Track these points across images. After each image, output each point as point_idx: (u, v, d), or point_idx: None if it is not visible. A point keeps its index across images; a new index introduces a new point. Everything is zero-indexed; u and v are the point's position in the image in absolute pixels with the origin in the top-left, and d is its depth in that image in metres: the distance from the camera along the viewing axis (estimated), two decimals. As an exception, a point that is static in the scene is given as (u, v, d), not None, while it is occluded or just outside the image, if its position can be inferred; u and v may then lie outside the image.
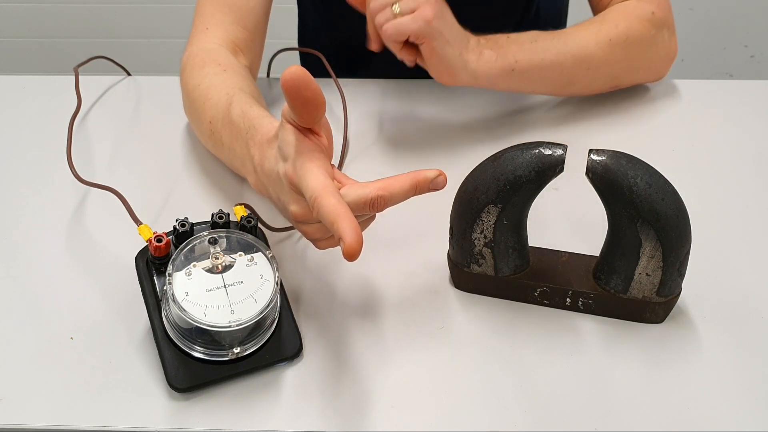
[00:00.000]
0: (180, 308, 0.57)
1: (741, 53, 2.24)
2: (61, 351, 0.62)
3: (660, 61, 0.93)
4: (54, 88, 0.96)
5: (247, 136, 0.67)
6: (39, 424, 0.57)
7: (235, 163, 0.72)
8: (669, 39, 0.91)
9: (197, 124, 0.81)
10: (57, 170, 0.81)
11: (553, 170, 0.61)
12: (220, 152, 0.76)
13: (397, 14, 0.76)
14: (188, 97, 0.81)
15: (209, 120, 0.76)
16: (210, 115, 0.76)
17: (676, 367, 0.62)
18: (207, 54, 0.83)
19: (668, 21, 0.91)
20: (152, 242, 0.60)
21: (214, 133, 0.75)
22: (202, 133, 0.80)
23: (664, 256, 0.61)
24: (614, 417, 0.58)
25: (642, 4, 0.90)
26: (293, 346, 0.61)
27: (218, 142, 0.75)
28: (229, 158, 0.74)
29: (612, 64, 0.89)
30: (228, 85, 0.77)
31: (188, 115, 0.84)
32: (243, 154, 0.68)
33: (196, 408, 0.58)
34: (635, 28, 0.88)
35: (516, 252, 0.66)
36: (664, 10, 0.91)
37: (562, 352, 0.63)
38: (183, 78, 0.84)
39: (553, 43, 0.85)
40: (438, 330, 0.65)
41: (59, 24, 2.28)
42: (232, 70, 0.80)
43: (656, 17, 0.89)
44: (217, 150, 0.77)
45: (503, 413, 0.58)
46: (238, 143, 0.70)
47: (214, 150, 0.79)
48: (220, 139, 0.74)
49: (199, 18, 0.87)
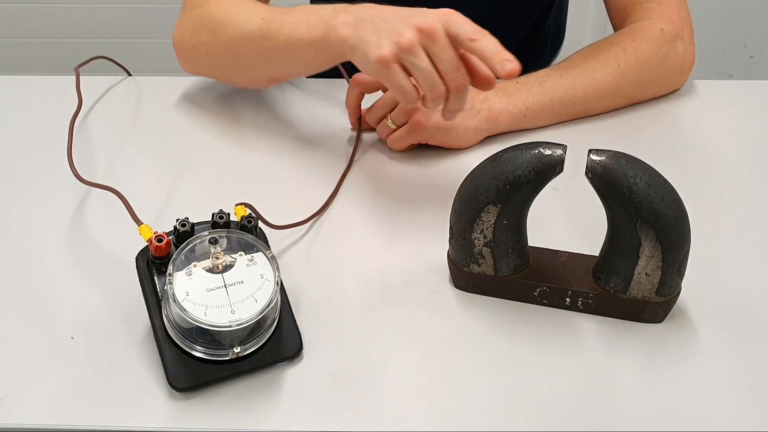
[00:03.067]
0: (180, 308, 0.57)
1: (741, 53, 2.24)
2: (61, 351, 0.62)
3: (674, 75, 0.92)
4: (55, 88, 0.96)
5: (318, 5, 0.75)
6: (39, 424, 0.58)
7: (305, 28, 0.76)
8: (685, 50, 0.90)
9: (236, 29, 0.82)
10: (57, 170, 0.81)
11: (553, 170, 0.61)
12: (275, 36, 0.78)
13: (393, 128, 0.82)
14: (222, 12, 0.83)
15: (261, 17, 0.80)
16: (263, 13, 0.80)
17: (676, 366, 0.62)
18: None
19: (681, 32, 0.90)
20: (153, 242, 0.60)
21: (267, 23, 0.79)
22: (243, 35, 0.81)
23: (664, 255, 0.61)
24: (614, 417, 0.58)
25: (650, 23, 0.89)
26: (293, 346, 0.61)
27: (273, 27, 0.78)
28: (289, 36, 0.77)
29: (624, 88, 0.89)
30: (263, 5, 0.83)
31: (212, 33, 0.85)
32: (322, 11, 0.74)
33: (197, 408, 0.58)
34: (644, 48, 0.88)
35: (516, 252, 0.66)
36: (675, 23, 0.90)
37: (561, 351, 0.63)
38: (208, 6, 0.85)
39: (561, 81, 0.86)
40: (438, 330, 0.65)
41: (60, 24, 2.28)
42: None
43: (666, 33, 0.89)
44: (269, 39, 0.79)
45: (503, 413, 0.58)
46: (310, 11, 0.76)
47: (260, 43, 0.80)
48: (280, 21, 0.78)
49: None
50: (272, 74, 0.85)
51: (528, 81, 0.86)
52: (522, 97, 0.85)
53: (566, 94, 0.86)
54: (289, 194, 0.79)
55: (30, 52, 2.33)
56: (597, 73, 0.87)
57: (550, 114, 0.87)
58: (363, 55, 0.69)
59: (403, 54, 0.67)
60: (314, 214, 0.75)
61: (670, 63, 0.90)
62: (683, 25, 0.91)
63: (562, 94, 0.86)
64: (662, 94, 0.93)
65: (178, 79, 0.92)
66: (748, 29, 2.20)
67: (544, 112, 0.86)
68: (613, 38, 0.90)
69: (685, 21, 0.91)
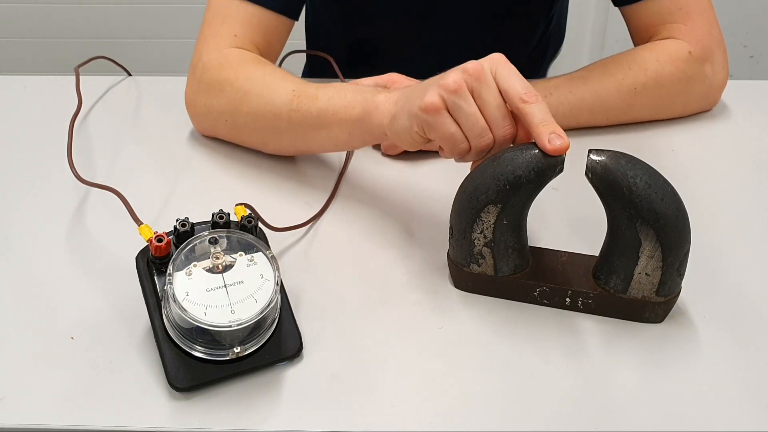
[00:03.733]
0: (180, 308, 0.57)
1: (741, 53, 2.24)
2: (61, 351, 0.62)
3: (698, 100, 0.88)
4: (54, 88, 0.96)
5: (366, 88, 0.72)
6: (39, 424, 0.57)
7: (341, 103, 0.73)
8: (714, 74, 0.86)
9: (262, 100, 0.79)
10: (57, 170, 0.81)
11: (553, 170, 0.61)
12: (307, 110, 0.76)
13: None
14: (246, 81, 0.80)
15: (293, 89, 0.77)
16: (294, 85, 0.77)
17: (676, 366, 0.62)
18: (250, 55, 0.84)
19: (711, 55, 0.85)
20: (153, 242, 0.60)
21: (299, 96, 0.76)
22: (270, 105, 0.78)
23: (664, 255, 0.61)
24: (614, 417, 0.58)
25: (677, 43, 0.85)
26: (293, 346, 0.61)
27: (305, 101, 0.76)
28: (323, 109, 0.74)
29: (636, 110, 0.86)
30: (293, 77, 0.80)
31: (233, 103, 0.81)
32: (360, 90, 0.72)
33: (197, 408, 0.58)
34: (667, 71, 0.84)
35: (516, 252, 0.66)
36: (705, 45, 0.85)
37: (561, 351, 0.63)
38: (224, 73, 0.82)
39: (569, 97, 0.83)
40: (438, 330, 0.65)
41: (60, 24, 2.28)
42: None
43: (693, 57, 0.84)
44: (300, 111, 0.76)
45: (503, 413, 0.58)
46: (347, 89, 0.73)
47: (289, 116, 0.77)
48: (313, 95, 0.75)
49: (222, 22, 0.86)
50: (300, 147, 0.82)
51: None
52: None
53: (571, 112, 0.84)
54: (289, 194, 0.79)
55: (30, 52, 2.33)
56: (610, 94, 0.84)
57: None
58: (406, 115, 0.66)
59: (449, 96, 0.62)
60: (314, 216, 0.76)
61: (695, 89, 0.86)
62: (714, 47, 0.86)
63: (566, 110, 0.83)
64: (686, 114, 0.89)
65: (178, 79, 0.92)
66: (748, 29, 2.20)
67: None
68: (635, 54, 0.86)
69: (716, 42, 0.86)
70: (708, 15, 0.87)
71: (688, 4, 0.86)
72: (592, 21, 2.19)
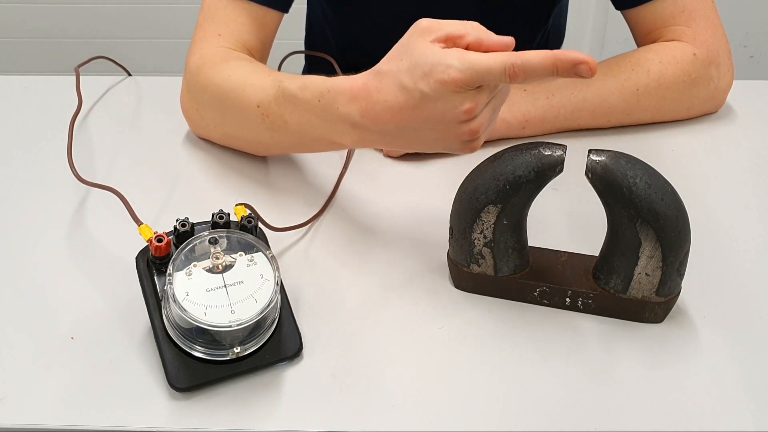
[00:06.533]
0: (180, 308, 0.57)
1: (741, 53, 2.24)
2: (61, 351, 0.63)
3: (703, 103, 0.88)
4: (54, 88, 0.96)
5: (324, 102, 0.65)
6: (39, 424, 0.58)
7: (313, 134, 0.69)
8: (719, 77, 0.86)
9: (237, 115, 0.77)
10: (57, 170, 0.81)
11: (553, 170, 0.61)
12: (281, 133, 0.73)
13: None
14: (218, 90, 0.78)
15: (257, 104, 0.73)
16: (257, 99, 0.73)
17: (676, 366, 0.62)
18: (226, 53, 0.82)
19: (715, 58, 0.85)
20: (153, 242, 0.60)
21: (268, 116, 0.72)
22: (245, 122, 0.76)
23: (664, 255, 0.61)
24: (614, 417, 0.58)
25: (682, 45, 0.85)
26: (293, 346, 0.62)
27: (277, 122, 0.72)
28: (297, 134, 0.71)
29: (638, 112, 0.85)
30: (265, 70, 0.76)
31: (216, 112, 0.80)
32: (329, 119, 0.66)
33: (196, 408, 0.58)
34: (671, 73, 0.83)
35: (516, 252, 0.66)
36: (710, 48, 0.85)
37: (561, 351, 0.63)
38: (202, 76, 0.80)
39: (571, 98, 0.83)
40: (438, 330, 0.65)
41: (60, 24, 2.28)
42: (259, 62, 0.80)
43: (698, 59, 0.84)
44: (275, 132, 0.74)
45: (503, 413, 0.58)
46: (313, 114, 0.68)
47: (267, 134, 0.75)
48: (281, 119, 0.71)
49: (210, 23, 0.85)
50: (290, 152, 0.81)
51: (536, 91, 0.82)
52: (524, 107, 0.82)
53: (572, 114, 0.83)
54: (289, 194, 0.79)
55: (30, 52, 2.33)
56: (612, 95, 0.83)
57: (550, 128, 0.84)
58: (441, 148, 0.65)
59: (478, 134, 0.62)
60: (314, 216, 0.75)
61: (699, 91, 0.86)
62: (719, 51, 0.85)
63: (567, 113, 0.83)
64: (692, 116, 0.89)
65: (178, 79, 0.91)
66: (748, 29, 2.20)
67: (545, 125, 0.83)
68: (639, 56, 0.85)
69: (721, 44, 0.86)
70: (712, 18, 0.86)
71: (691, 6, 0.86)
72: (592, 22, 2.19)
